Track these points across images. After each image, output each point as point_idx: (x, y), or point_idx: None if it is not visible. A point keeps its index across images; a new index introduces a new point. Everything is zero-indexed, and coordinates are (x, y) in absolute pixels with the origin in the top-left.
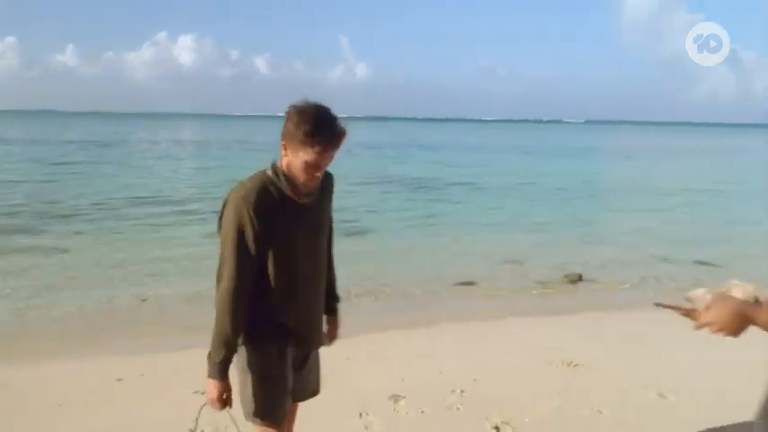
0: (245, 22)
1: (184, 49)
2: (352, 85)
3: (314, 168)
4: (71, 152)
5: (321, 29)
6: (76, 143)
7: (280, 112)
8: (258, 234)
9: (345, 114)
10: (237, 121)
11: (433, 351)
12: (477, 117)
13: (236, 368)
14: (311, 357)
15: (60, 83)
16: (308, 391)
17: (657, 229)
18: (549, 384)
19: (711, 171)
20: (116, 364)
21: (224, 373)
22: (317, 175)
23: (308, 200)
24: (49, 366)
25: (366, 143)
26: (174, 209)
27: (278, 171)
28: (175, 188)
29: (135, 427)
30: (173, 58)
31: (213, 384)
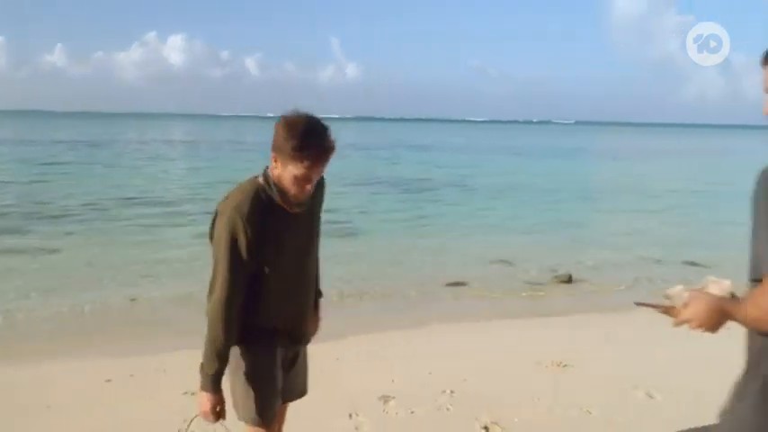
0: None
1: (174, 50)
2: (343, 85)
3: (303, 181)
4: (60, 152)
5: (312, 29)
6: (66, 143)
7: (270, 113)
8: (251, 244)
9: (336, 115)
10: (228, 122)
11: (423, 352)
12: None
13: (226, 369)
14: (300, 357)
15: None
16: (296, 391)
17: (647, 230)
18: (539, 385)
19: (700, 172)
20: (105, 365)
21: (217, 386)
22: (307, 187)
23: (299, 209)
24: (37, 367)
25: (356, 144)
26: (165, 210)
27: (269, 180)
28: (166, 189)
29: (124, 428)
30: (162, 58)
31: (206, 397)
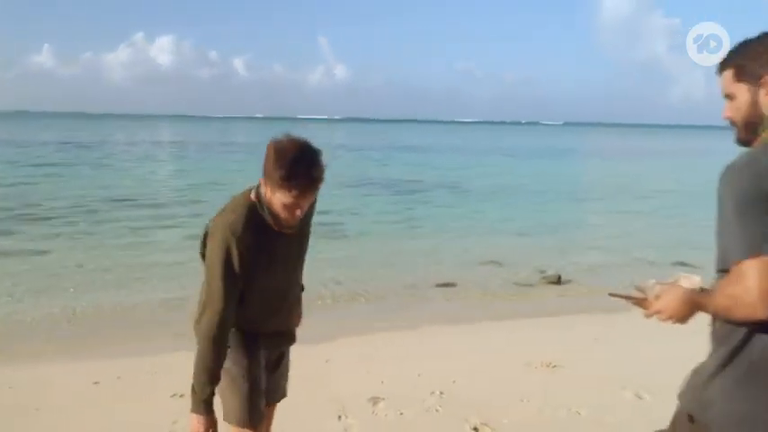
0: (223, 23)
1: (162, 50)
2: (332, 86)
3: (292, 209)
4: (49, 153)
5: (301, 30)
6: (54, 144)
7: (259, 114)
8: (244, 264)
9: (325, 116)
10: (216, 123)
11: (413, 353)
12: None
13: None
14: (284, 359)
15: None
16: (279, 392)
17: (637, 230)
18: (528, 386)
19: (688, 172)
20: (93, 367)
21: (210, 408)
22: (296, 213)
23: (290, 230)
24: (26, 370)
25: (347, 145)
26: (153, 211)
27: (261, 200)
28: (154, 190)
29: (113, 431)
30: (150, 59)
31: (197, 420)
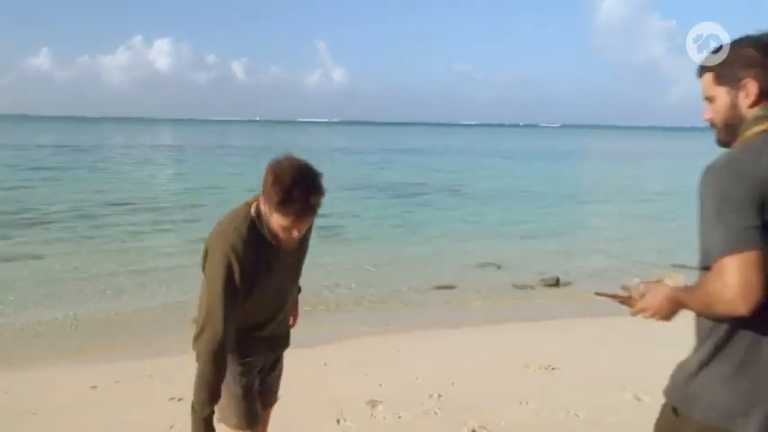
0: (221, 26)
1: (160, 54)
2: (331, 89)
3: (289, 231)
4: (46, 157)
5: (299, 33)
6: (51, 148)
7: (257, 117)
8: (244, 281)
9: (323, 119)
10: (214, 126)
11: (411, 356)
12: (455, 121)
13: None
14: (279, 362)
15: (35, 87)
16: (272, 396)
17: (636, 233)
18: (526, 388)
19: (687, 174)
20: (91, 371)
21: (210, 426)
22: (293, 235)
23: (289, 247)
24: (23, 375)
25: (346, 148)
26: (152, 215)
27: (261, 217)
28: (153, 194)
29: None
30: (148, 62)
31: None
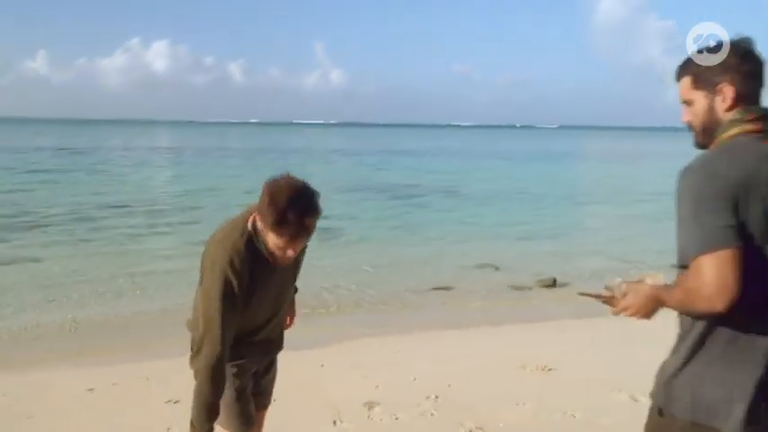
0: (218, 28)
1: (158, 56)
2: (328, 91)
3: (284, 250)
4: (44, 159)
5: (296, 35)
6: (49, 150)
7: (255, 119)
8: (241, 295)
9: (321, 120)
10: (212, 128)
11: (408, 357)
12: (452, 122)
13: None
14: (273, 365)
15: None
16: (267, 398)
17: (633, 234)
18: (523, 389)
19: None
20: (88, 374)
21: None
22: (288, 254)
23: (285, 264)
24: (20, 377)
25: (344, 150)
26: (150, 218)
27: (258, 233)
28: (151, 196)
29: None
30: (146, 64)
31: None
